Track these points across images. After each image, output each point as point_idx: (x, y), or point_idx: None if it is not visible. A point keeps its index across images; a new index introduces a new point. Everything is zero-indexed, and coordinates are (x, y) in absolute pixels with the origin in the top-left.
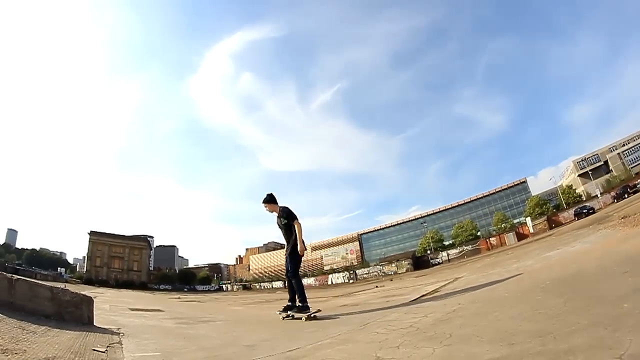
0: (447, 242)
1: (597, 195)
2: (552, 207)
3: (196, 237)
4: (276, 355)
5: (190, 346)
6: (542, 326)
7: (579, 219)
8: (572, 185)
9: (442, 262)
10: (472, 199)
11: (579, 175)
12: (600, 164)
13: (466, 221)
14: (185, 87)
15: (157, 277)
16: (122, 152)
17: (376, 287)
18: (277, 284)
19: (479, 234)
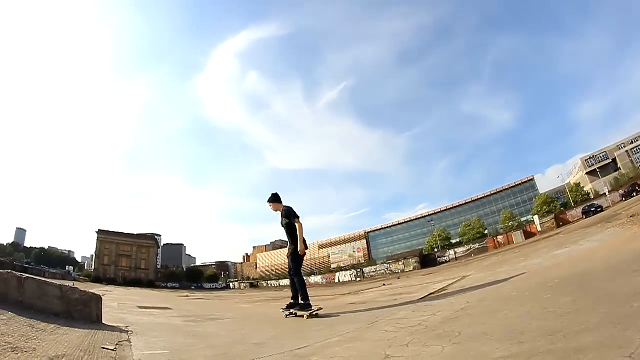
0: (455, 240)
1: (606, 193)
2: (559, 206)
3: (204, 235)
4: (285, 353)
5: (199, 344)
6: (552, 325)
7: (587, 217)
8: (580, 183)
9: (449, 260)
10: (479, 197)
11: (587, 173)
12: (608, 161)
13: (473, 219)
14: (191, 87)
15: (165, 275)
16: (129, 151)
17: (383, 286)
18: (284, 282)
19: (486, 232)
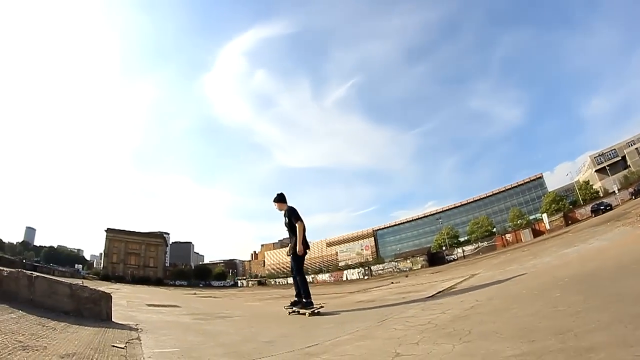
0: (463, 238)
1: (615, 191)
2: (568, 204)
3: (212, 233)
4: (295, 351)
5: (208, 342)
6: (562, 323)
7: (596, 215)
8: (589, 181)
9: (457, 258)
10: (487, 195)
11: (596, 170)
12: (617, 159)
13: (482, 217)
14: (199, 86)
15: (173, 273)
16: (138, 151)
17: (391, 284)
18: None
19: (494, 230)
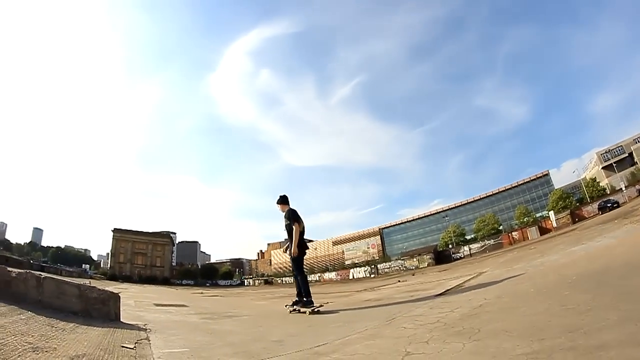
0: (469, 236)
1: (622, 188)
2: (575, 201)
3: (218, 232)
4: (305, 350)
5: (217, 342)
6: (572, 322)
7: (603, 213)
8: (596, 178)
9: (464, 256)
10: (494, 193)
11: (603, 167)
12: (624, 155)
13: (488, 215)
14: (204, 86)
15: (180, 272)
16: (144, 151)
17: (398, 282)
18: None
19: (501, 228)
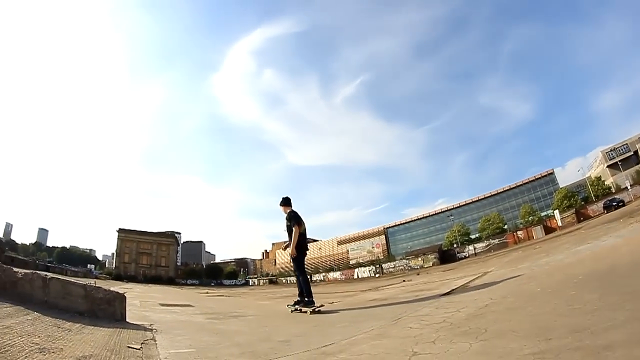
0: (474, 235)
1: (627, 187)
2: (580, 200)
3: (223, 232)
4: (312, 350)
5: (223, 342)
6: (578, 321)
7: (608, 212)
8: (601, 176)
9: (468, 256)
10: (498, 192)
11: (608, 166)
12: (630, 154)
13: (493, 214)
14: (207, 86)
15: (185, 272)
16: (148, 152)
17: (403, 282)
18: None
19: (505, 227)
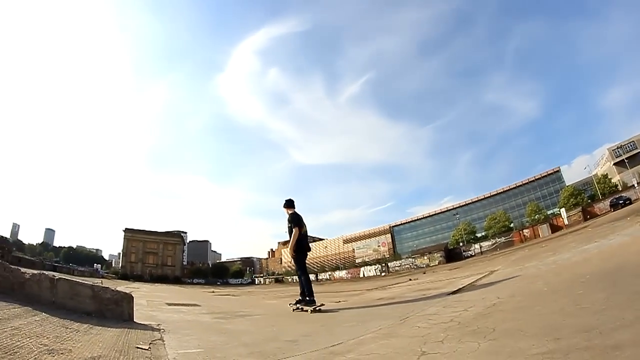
0: (480, 234)
1: (634, 185)
2: (587, 198)
3: (229, 231)
4: (320, 350)
5: (231, 342)
6: (587, 321)
7: (615, 210)
8: (608, 174)
9: (474, 254)
10: (504, 190)
11: (615, 163)
12: (636, 151)
13: (499, 212)
14: (213, 86)
15: (191, 271)
16: (154, 151)
17: (410, 280)
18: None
19: (512, 225)
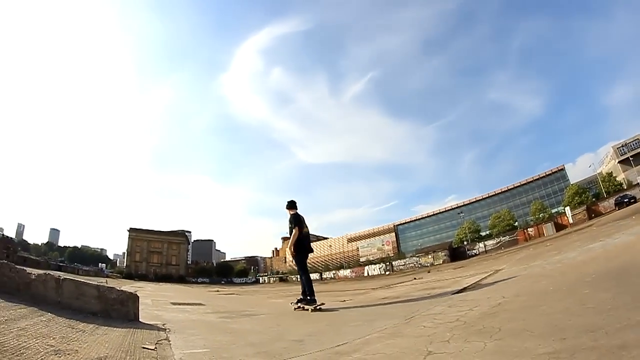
0: (484, 232)
1: (639, 183)
2: (591, 196)
3: (233, 231)
4: (326, 350)
5: (237, 341)
6: (593, 321)
7: (619, 208)
8: (612, 172)
9: (479, 253)
10: (509, 188)
11: (620, 161)
12: None
13: (503, 211)
14: (216, 86)
15: (195, 270)
16: (158, 151)
17: (414, 279)
18: (313, 276)
19: (516, 224)
